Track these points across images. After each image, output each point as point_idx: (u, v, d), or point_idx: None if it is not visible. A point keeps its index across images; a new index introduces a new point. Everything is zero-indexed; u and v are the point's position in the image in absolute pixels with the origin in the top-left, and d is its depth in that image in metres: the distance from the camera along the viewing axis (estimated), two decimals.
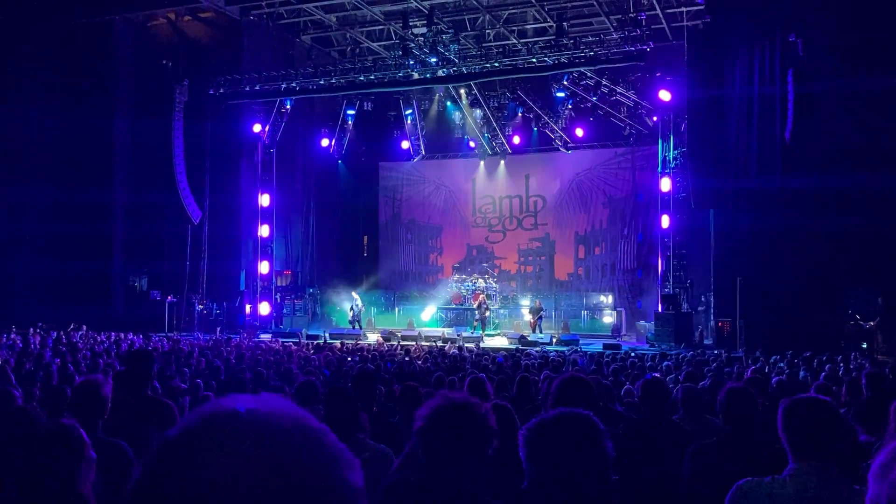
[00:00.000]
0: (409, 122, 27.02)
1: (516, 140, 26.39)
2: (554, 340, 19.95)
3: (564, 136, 25.17)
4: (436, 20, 20.81)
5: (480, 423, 2.22)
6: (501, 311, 24.42)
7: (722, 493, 2.71)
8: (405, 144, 27.44)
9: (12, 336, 16.05)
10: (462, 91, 25.27)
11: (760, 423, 3.76)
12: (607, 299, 24.48)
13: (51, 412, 4.84)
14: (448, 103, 26.73)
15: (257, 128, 24.11)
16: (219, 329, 21.57)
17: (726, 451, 3.52)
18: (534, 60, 20.21)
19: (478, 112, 25.88)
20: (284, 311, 24.63)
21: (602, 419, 2.15)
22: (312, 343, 17.65)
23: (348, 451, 0.87)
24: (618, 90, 21.83)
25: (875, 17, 18.21)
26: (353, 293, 23.84)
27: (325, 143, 26.79)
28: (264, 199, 24.60)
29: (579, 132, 24.87)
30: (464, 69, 20.95)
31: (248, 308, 23.59)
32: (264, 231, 24.58)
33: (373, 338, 20.50)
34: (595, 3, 21.30)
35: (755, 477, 2.65)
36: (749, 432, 3.60)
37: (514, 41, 22.63)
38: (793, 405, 2.66)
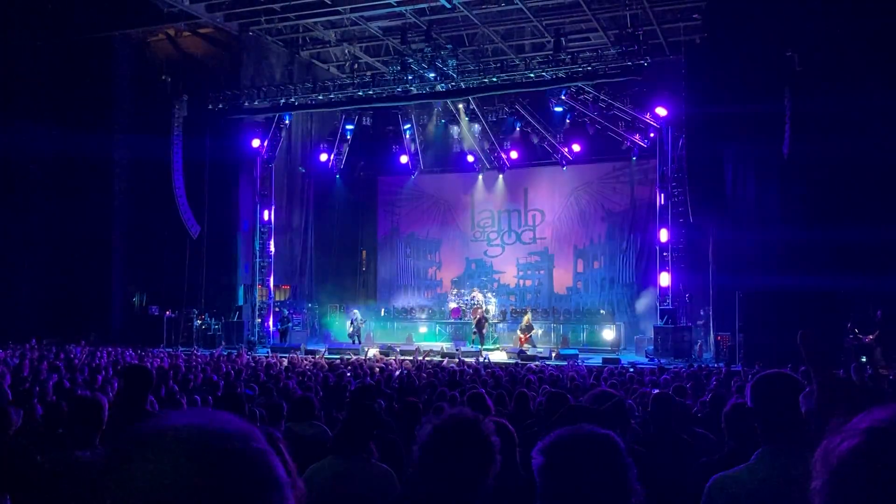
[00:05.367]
0: (407, 136, 27.07)
1: (514, 154, 26.42)
2: (553, 354, 19.93)
3: (563, 150, 25.22)
4: (434, 35, 20.90)
5: (484, 441, 2.11)
6: (500, 325, 24.36)
7: None
8: (404, 159, 27.48)
9: (9, 351, 15.98)
10: (460, 106, 25.33)
11: None
12: (606, 313, 24.43)
13: (48, 428, 4.81)
14: (446, 118, 26.79)
15: (256, 143, 24.15)
16: (219, 346, 21.50)
17: (733, 467, 3.50)
18: (532, 75, 20.29)
19: (476, 127, 25.94)
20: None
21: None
22: (311, 358, 17.57)
23: (279, 470, 0.87)
24: (616, 105, 21.90)
25: (872, 32, 18.32)
26: (353, 308, 23.73)
27: (323, 157, 26.82)
28: (263, 214, 24.60)
29: (577, 147, 24.91)
30: (462, 84, 21.03)
31: (246, 323, 23.51)
32: (263, 246, 24.56)
33: (372, 352, 20.44)
34: (593, 18, 21.41)
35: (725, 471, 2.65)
36: (755, 447, 3.58)
37: (512, 56, 22.73)
38: (758, 382, 2.69)
